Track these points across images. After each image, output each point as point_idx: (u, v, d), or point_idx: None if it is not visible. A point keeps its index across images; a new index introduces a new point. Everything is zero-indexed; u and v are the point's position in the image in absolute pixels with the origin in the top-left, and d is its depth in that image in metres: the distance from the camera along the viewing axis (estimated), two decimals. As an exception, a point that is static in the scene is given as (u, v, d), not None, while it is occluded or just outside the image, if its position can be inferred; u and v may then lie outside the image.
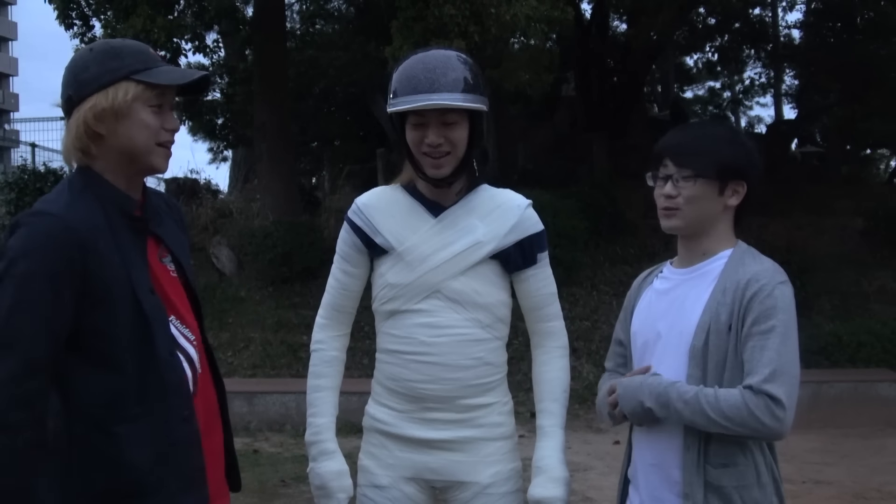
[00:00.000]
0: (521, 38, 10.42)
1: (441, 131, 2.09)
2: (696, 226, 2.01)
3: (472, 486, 2.19)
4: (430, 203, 2.21)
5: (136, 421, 1.81)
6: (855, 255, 11.22)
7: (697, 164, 1.96)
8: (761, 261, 1.99)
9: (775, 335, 1.86)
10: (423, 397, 2.16)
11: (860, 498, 5.38)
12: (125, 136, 1.85)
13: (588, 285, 10.49)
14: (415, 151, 2.14)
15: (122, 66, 1.85)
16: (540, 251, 2.24)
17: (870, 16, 16.26)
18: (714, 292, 1.95)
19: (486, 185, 2.26)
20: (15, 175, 10.97)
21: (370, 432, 2.28)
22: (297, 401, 7.13)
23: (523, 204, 2.24)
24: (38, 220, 1.77)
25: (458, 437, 2.17)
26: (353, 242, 2.25)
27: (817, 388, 7.28)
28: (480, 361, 2.17)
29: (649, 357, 2.04)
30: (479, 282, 2.17)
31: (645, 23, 14.31)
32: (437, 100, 2.05)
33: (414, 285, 2.16)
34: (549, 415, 2.26)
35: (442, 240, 2.17)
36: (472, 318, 2.16)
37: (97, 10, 10.40)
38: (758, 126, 32.22)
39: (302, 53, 14.83)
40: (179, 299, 1.97)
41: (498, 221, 2.19)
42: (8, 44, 55.00)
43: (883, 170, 25.54)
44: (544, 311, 2.29)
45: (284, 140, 12.03)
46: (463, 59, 2.15)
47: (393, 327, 2.20)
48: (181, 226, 2.11)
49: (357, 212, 2.25)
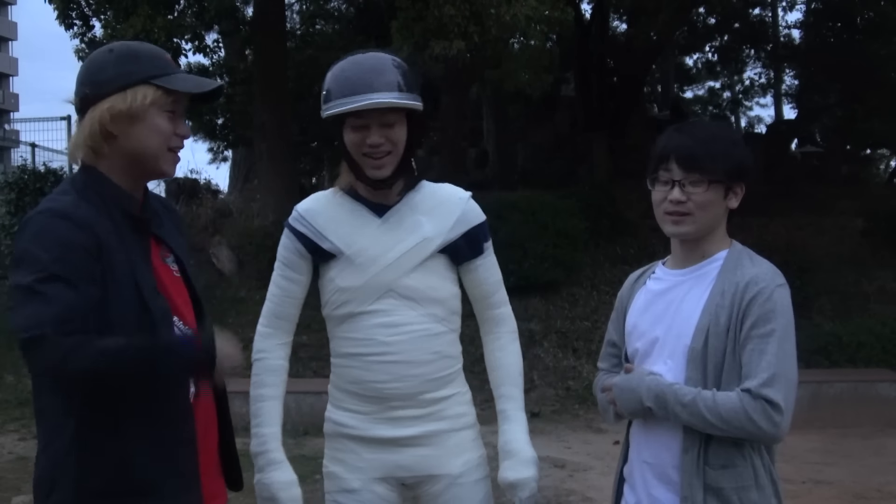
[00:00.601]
0: (521, 39, 10.42)
1: (382, 131, 2.10)
2: (704, 231, 1.99)
3: (443, 479, 2.21)
4: (373, 204, 2.21)
5: (138, 418, 1.83)
6: (855, 255, 11.21)
7: (710, 169, 1.93)
8: (759, 262, 1.97)
9: (774, 339, 1.85)
10: (388, 397, 2.17)
11: (860, 498, 5.38)
12: (137, 139, 1.88)
13: (588, 285, 10.49)
14: (354, 154, 2.14)
15: (140, 69, 1.88)
16: (485, 241, 2.27)
17: (870, 16, 16.28)
18: (712, 294, 1.94)
19: (425, 181, 2.28)
20: (15, 175, 10.95)
21: (334, 437, 2.26)
22: (296, 401, 7.13)
23: (465, 196, 2.27)
24: (47, 217, 1.80)
25: (425, 431, 2.19)
26: (297, 249, 2.24)
27: (817, 388, 7.27)
28: (440, 355, 2.19)
29: (647, 359, 2.03)
30: (431, 277, 2.19)
31: (645, 23, 14.32)
32: (377, 98, 2.06)
33: (367, 287, 2.17)
34: (508, 399, 2.28)
35: (390, 239, 2.18)
36: (428, 314, 2.18)
37: (97, 10, 10.40)
38: (758, 126, 32.25)
39: (302, 53, 14.83)
40: (182, 299, 1.98)
41: (442, 216, 2.21)
42: (8, 44, 55.00)
43: (883, 170, 25.53)
44: (493, 299, 2.31)
45: (284, 140, 12.03)
46: (397, 62, 2.15)
47: (349, 330, 2.20)
48: (179, 227, 2.13)
49: (299, 218, 2.24)
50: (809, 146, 21.52)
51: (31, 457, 6.56)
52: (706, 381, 1.91)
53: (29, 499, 5.47)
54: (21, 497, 5.50)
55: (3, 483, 5.86)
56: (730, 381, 1.89)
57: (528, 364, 6.25)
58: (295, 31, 16.49)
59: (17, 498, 5.49)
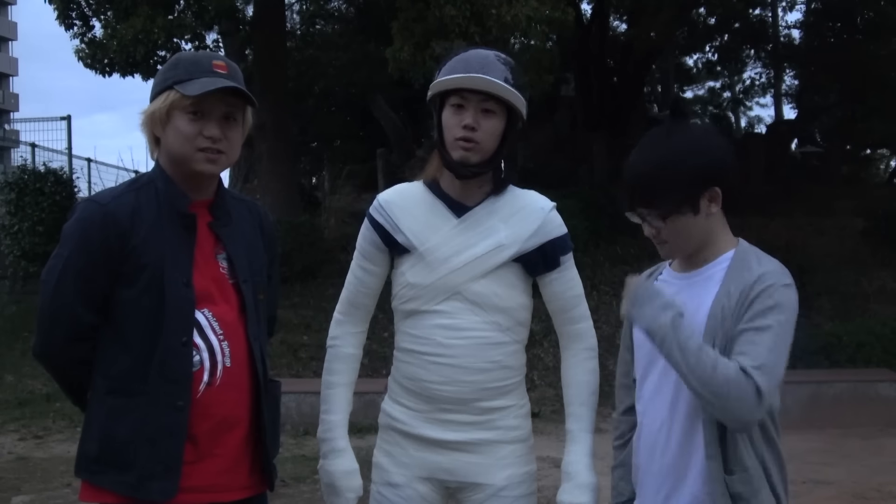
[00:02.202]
0: (521, 39, 10.41)
1: (479, 117, 2.09)
2: (693, 247, 1.95)
3: (486, 488, 2.17)
4: (454, 202, 2.18)
5: (132, 397, 1.96)
6: (855, 255, 11.21)
7: (662, 203, 1.88)
8: (766, 262, 1.92)
9: (771, 333, 1.80)
10: (439, 398, 2.14)
11: (860, 498, 5.38)
12: (168, 141, 2.03)
13: (588, 285, 10.41)
14: (448, 136, 2.12)
15: (173, 75, 2.02)
16: (563, 254, 2.21)
17: (870, 16, 16.29)
18: (718, 296, 1.89)
19: (511, 185, 2.24)
20: (15, 175, 10.95)
21: (386, 430, 2.25)
22: (296, 401, 7.13)
23: (547, 207, 2.22)
24: (84, 206, 2.04)
25: (474, 438, 2.15)
26: (373, 240, 2.22)
27: (817, 388, 7.27)
28: (498, 365, 2.15)
29: (655, 364, 1.98)
30: (500, 285, 2.15)
31: (645, 23, 14.33)
32: (487, 76, 2.06)
33: (434, 286, 2.14)
34: (577, 419, 2.23)
35: (464, 241, 2.15)
36: (491, 322, 2.14)
37: (97, 10, 10.40)
38: (758, 126, 32.25)
39: (302, 53, 14.84)
40: (223, 295, 2.05)
41: (521, 224, 2.17)
42: (8, 44, 54.98)
43: (883, 170, 25.54)
44: (570, 314, 2.26)
45: (284, 140, 12.03)
46: (505, 58, 2.16)
47: (411, 327, 2.18)
48: (260, 233, 2.19)
49: (378, 209, 2.22)
50: (809, 146, 21.53)
51: (31, 457, 6.59)
52: None
53: (29, 499, 5.47)
54: (21, 497, 5.50)
55: (3, 483, 5.86)
56: None
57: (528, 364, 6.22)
58: (295, 31, 16.49)
59: (17, 498, 5.49)
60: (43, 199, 10.52)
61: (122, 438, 1.95)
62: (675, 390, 1.93)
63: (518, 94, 2.12)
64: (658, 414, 1.97)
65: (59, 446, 6.84)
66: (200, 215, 2.05)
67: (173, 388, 1.95)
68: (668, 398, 1.95)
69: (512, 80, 2.11)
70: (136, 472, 1.94)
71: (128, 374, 1.97)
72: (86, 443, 2.02)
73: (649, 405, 2.00)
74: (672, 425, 1.94)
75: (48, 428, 7.36)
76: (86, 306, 1.97)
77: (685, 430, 1.92)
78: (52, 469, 6.10)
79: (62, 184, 10.89)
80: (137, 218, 1.98)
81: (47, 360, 2.08)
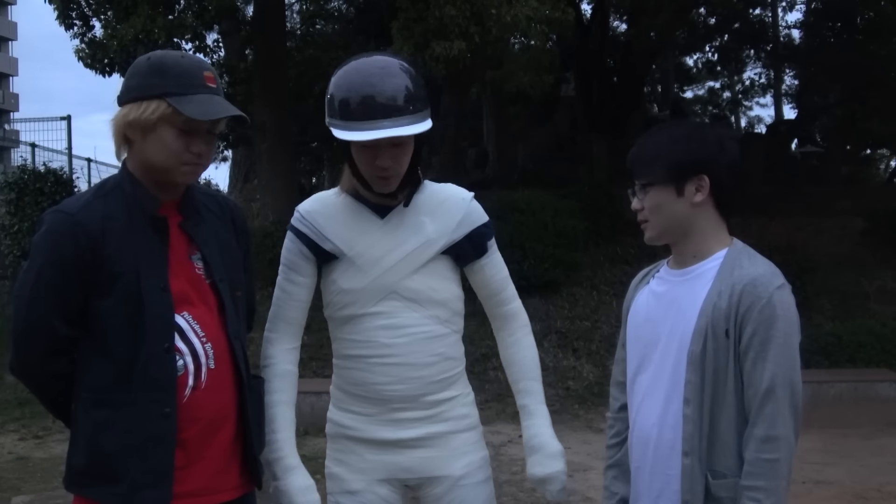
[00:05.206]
0: (521, 39, 10.43)
1: (391, 152, 2.07)
2: (670, 232, 1.98)
3: (445, 480, 2.20)
4: (375, 205, 2.19)
5: (118, 408, 1.92)
6: (855, 255, 11.22)
7: (647, 172, 1.96)
8: (757, 263, 1.93)
9: (772, 346, 1.83)
10: (389, 398, 2.15)
11: (860, 498, 5.38)
12: (147, 150, 1.96)
13: (588, 285, 10.48)
14: (363, 169, 2.11)
15: (161, 83, 1.93)
16: (488, 240, 2.26)
17: (870, 16, 16.30)
18: (709, 295, 1.91)
19: (428, 181, 2.26)
20: (15, 175, 10.94)
21: (336, 439, 2.25)
22: (296, 401, 7.14)
23: (468, 197, 2.25)
24: (52, 217, 1.97)
25: (428, 433, 2.18)
26: (300, 251, 2.21)
27: (817, 388, 7.27)
28: (442, 357, 2.18)
29: (648, 362, 2.01)
30: (434, 278, 2.18)
31: (645, 23, 14.34)
32: (388, 133, 2.00)
33: (369, 288, 2.15)
34: (528, 394, 2.28)
35: (392, 240, 2.16)
36: (430, 315, 2.16)
37: (97, 10, 10.39)
38: (758, 126, 32.31)
39: (302, 53, 14.83)
40: (201, 296, 2.02)
41: (445, 217, 2.20)
42: (8, 44, 54.99)
43: (883, 170, 25.57)
44: (502, 296, 2.30)
45: (284, 140, 12.03)
46: (405, 68, 2.10)
47: (351, 332, 2.18)
48: (232, 227, 2.16)
49: (301, 219, 2.22)
50: (809, 146, 21.52)
51: (31, 457, 6.59)
52: (705, 385, 1.88)
53: (29, 499, 5.47)
54: (21, 497, 5.50)
55: (3, 483, 5.86)
56: (734, 389, 1.86)
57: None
58: (295, 31, 16.50)
59: (17, 498, 5.49)
60: (43, 199, 10.51)
61: (110, 450, 1.92)
62: (669, 388, 1.95)
63: (422, 117, 2.07)
64: (651, 412, 1.98)
65: (59, 446, 6.84)
66: (171, 216, 2.02)
67: (159, 395, 1.92)
68: (661, 396, 1.96)
69: (413, 89, 2.06)
70: (128, 484, 1.91)
71: (112, 385, 1.93)
72: (74, 456, 1.99)
73: (642, 404, 2.02)
74: (664, 423, 1.96)
75: (48, 428, 7.35)
76: (62, 319, 1.93)
77: (675, 428, 1.93)
78: (52, 469, 6.10)
79: (62, 184, 10.89)
80: (108, 225, 1.93)
81: (25, 375, 2.03)
